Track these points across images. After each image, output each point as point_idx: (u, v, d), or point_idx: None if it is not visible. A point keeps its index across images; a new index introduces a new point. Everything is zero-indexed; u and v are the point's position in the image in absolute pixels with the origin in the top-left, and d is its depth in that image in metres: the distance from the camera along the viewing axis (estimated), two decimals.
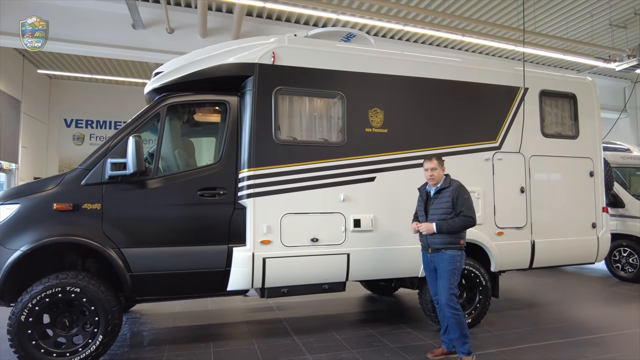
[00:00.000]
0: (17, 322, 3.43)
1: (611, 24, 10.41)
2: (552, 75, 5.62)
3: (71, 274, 3.64)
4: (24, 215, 3.61)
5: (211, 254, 3.96)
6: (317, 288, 4.30)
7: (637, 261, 7.37)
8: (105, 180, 3.78)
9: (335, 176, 4.33)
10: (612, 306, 6.03)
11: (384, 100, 4.59)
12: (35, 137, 14.15)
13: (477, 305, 4.76)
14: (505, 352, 4.06)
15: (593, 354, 4.06)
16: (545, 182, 5.25)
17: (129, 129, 3.94)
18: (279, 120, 4.20)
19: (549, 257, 5.19)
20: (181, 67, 4.21)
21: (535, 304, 6.00)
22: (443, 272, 3.72)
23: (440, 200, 3.78)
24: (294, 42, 4.36)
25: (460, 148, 4.82)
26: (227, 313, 5.62)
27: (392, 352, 4.08)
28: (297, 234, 4.16)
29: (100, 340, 3.63)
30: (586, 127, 5.54)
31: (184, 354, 4.01)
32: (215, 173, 4.05)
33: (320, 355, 3.96)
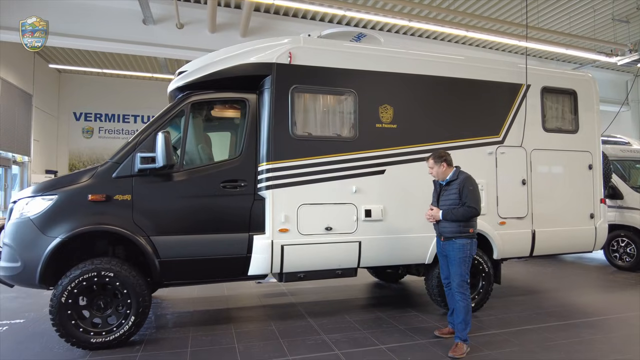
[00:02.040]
0: (58, 304, 3.74)
1: (614, 19, 10.58)
2: (553, 72, 5.85)
3: (105, 260, 3.94)
4: (61, 206, 3.90)
5: (233, 242, 4.26)
6: (331, 273, 4.60)
7: (634, 251, 7.65)
8: (135, 173, 4.06)
9: (347, 169, 4.60)
10: (608, 293, 6.32)
11: (393, 97, 4.84)
12: (46, 130, 14.44)
13: (480, 291, 5.05)
14: (507, 333, 4.36)
15: (589, 334, 4.36)
16: (545, 174, 5.51)
17: (156, 125, 4.21)
18: (295, 116, 4.47)
19: (548, 245, 5.47)
20: (204, 66, 4.46)
21: (535, 291, 6.29)
22: (454, 260, 3.98)
23: (449, 191, 4.04)
24: (309, 43, 4.61)
25: (465, 142, 5.08)
26: (243, 298, 5.94)
27: (401, 332, 4.38)
28: (312, 223, 4.45)
29: (132, 321, 3.94)
30: (586, 122, 5.79)
31: (208, 335, 4.32)
32: (236, 166, 4.34)
33: (335, 335, 4.27)
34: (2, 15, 8.73)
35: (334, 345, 4.01)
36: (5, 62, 11.23)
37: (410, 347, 3.98)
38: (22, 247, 3.83)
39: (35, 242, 3.80)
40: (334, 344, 4.04)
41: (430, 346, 4.01)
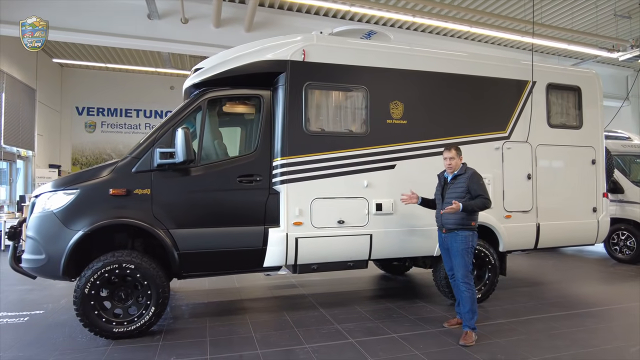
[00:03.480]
0: (82, 295, 3.86)
1: (616, 14, 10.67)
2: (558, 68, 5.99)
3: (125, 253, 4.07)
4: (84, 200, 4.01)
5: (249, 234, 4.38)
6: (343, 265, 4.74)
7: (634, 244, 7.82)
8: (154, 168, 4.17)
9: (359, 164, 4.73)
10: (610, 284, 6.49)
11: (403, 93, 4.95)
12: (49, 125, 14.48)
13: (487, 282, 5.20)
14: (513, 323, 4.52)
15: (592, 323, 4.52)
16: (550, 169, 5.65)
17: (174, 121, 4.31)
18: (308, 112, 4.58)
19: (552, 238, 5.63)
20: (220, 63, 4.56)
21: (538, 282, 6.46)
22: (457, 252, 4.13)
23: (456, 185, 4.18)
24: (321, 40, 4.71)
25: (473, 138, 5.21)
26: (254, 290, 6.08)
27: (411, 322, 4.53)
28: (325, 216, 4.58)
29: (152, 311, 4.08)
30: (589, 118, 5.92)
31: (225, 325, 4.46)
32: (252, 161, 4.46)
33: (348, 325, 4.41)
34: (6, 10, 8.75)
35: (348, 334, 4.15)
36: (9, 56, 11.27)
37: (421, 335, 4.13)
38: (46, 240, 3.94)
39: (59, 235, 3.92)
40: (348, 333, 4.19)
41: (440, 335, 4.16)
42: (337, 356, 3.63)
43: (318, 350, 3.75)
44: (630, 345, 3.93)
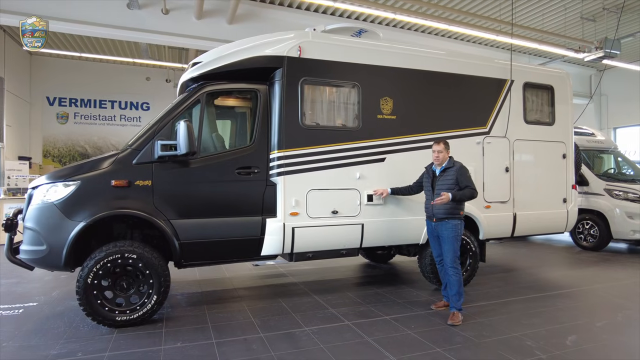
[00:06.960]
0: (85, 284, 3.93)
1: (582, 17, 11.31)
2: (534, 68, 6.39)
3: (127, 243, 4.15)
4: (85, 191, 4.05)
5: (248, 224, 4.54)
6: (336, 253, 4.98)
7: (597, 232, 8.44)
8: (155, 160, 4.25)
9: (351, 157, 4.95)
10: (576, 269, 7.03)
11: (393, 90, 5.20)
12: (18, 115, 13.96)
13: (468, 268, 5.56)
14: (494, 304, 4.89)
15: (563, 303, 4.96)
16: (525, 162, 6.06)
17: (173, 114, 4.40)
18: (304, 107, 4.75)
19: (527, 227, 6.05)
20: (218, 58, 4.66)
21: (513, 269, 6.92)
22: (447, 239, 4.43)
23: (445, 177, 4.47)
24: (316, 37, 4.88)
25: (457, 133, 5.53)
26: (246, 279, 6.23)
27: (401, 305, 4.83)
28: (320, 207, 4.79)
29: (154, 300, 4.19)
30: (561, 115, 6.36)
31: (223, 312, 4.61)
32: (249, 154, 4.60)
33: (342, 309, 4.66)
34: None
35: (343, 317, 4.40)
36: None
37: (411, 317, 4.43)
38: (47, 231, 3.97)
39: (60, 226, 3.96)
40: (343, 316, 4.43)
41: (429, 316, 4.46)
42: (337, 337, 3.87)
43: (318, 332, 3.98)
44: (596, 321, 4.36)
